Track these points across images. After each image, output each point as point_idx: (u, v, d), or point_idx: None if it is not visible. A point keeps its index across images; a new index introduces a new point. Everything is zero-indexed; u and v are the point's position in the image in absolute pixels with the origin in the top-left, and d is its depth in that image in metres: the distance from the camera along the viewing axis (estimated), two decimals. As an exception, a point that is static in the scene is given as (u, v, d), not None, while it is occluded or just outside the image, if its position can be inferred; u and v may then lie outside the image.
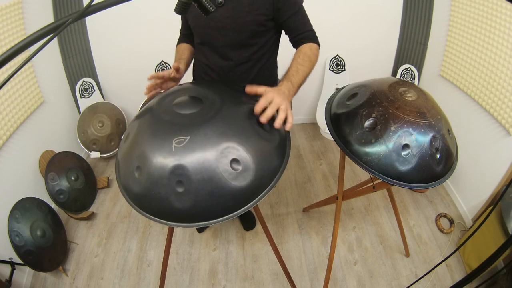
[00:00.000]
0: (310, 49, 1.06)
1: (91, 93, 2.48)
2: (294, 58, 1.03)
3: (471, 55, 1.85)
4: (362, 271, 1.73)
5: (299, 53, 1.04)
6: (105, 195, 2.26)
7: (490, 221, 1.53)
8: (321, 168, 2.43)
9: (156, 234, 1.97)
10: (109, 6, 0.47)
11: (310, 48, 1.06)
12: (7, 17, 1.74)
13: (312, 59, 1.03)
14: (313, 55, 1.05)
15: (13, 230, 1.55)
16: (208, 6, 0.71)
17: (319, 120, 2.63)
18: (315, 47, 1.08)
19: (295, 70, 0.96)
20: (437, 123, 0.92)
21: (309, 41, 1.09)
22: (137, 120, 0.84)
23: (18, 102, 1.85)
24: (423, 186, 0.92)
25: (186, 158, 0.66)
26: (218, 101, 0.78)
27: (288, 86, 0.90)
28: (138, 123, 0.81)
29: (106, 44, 2.36)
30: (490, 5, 1.68)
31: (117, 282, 1.73)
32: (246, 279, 1.72)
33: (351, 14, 2.33)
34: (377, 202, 2.12)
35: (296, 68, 0.97)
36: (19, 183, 1.82)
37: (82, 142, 2.42)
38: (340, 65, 2.54)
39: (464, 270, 1.70)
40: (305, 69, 0.98)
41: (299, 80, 0.95)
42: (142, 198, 0.72)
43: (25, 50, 0.39)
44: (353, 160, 0.95)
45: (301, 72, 0.97)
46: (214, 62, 1.18)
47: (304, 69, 0.98)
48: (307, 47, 1.06)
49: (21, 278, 1.68)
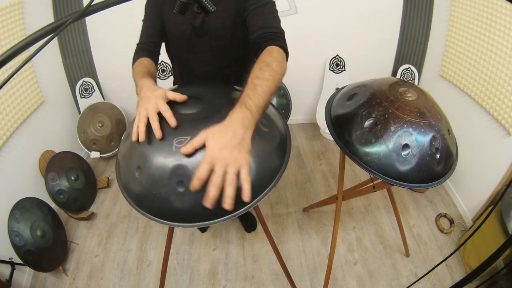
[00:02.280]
0: (270, 54, 0.80)
1: (91, 93, 2.48)
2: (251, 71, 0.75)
3: (471, 55, 1.85)
4: (362, 271, 1.73)
5: (257, 63, 0.77)
6: (105, 195, 2.26)
7: (490, 221, 1.53)
8: (321, 168, 2.43)
9: (156, 234, 1.97)
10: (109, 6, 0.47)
11: (269, 53, 0.80)
12: (7, 17, 1.74)
13: (273, 67, 0.74)
14: (274, 61, 0.76)
15: (13, 230, 1.55)
16: (208, 6, 0.72)
17: (319, 120, 2.63)
18: (276, 50, 0.82)
19: (251, 88, 0.68)
20: (437, 123, 0.92)
21: (270, 43, 0.86)
22: (137, 120, 0.83)
23: (18, 102, 1.84)
24: (423, 186, 0.92)
25: (186, 158, 0.66)
26: (219, 101, 0.78)
27: (243, 116, 0.62)
28: (138, 123, 0.80)
29: (106, 44, 2.36)
30: (490, 5, 1.68)
31: (117, 282, 1.73)
32: (246, 279, 1.72)
33: (351, 14, 2.33)
34: (377, 202, 2.12)
35: (252, 85, 0.69)
36: (19, 183, 1.82)
37: (82, 142, 2.41)
38: (340, 65, 2.54)
39: (464, 270, 1.70)
40: (265, 83, 0.69)
41: (259, 101, 0.66)
42: (142, 198, 0.72)
43: (25, 50, 0.39)
44: (353, 160, 0.95)
45: (260, 88, 0.68)
46: (196, 68, 1.14)
47: (263, 83, 0.69)
48: (266, 52, 0.81)
49: (21, 278, 1.68)
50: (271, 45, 0.84)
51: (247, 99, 0.66)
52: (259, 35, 0.89)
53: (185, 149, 0.61)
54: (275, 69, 0.74)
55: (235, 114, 0.63)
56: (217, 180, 0.56)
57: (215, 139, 0.59)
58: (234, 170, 0.57)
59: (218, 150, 0.58)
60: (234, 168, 0.57)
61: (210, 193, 0.57)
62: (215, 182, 0.56)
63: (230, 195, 0.56)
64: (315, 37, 2.42)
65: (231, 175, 0.57)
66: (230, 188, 0.57)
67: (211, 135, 0.60)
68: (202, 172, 0.57)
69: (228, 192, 0.56)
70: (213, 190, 0.56)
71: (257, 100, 0.66)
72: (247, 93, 0.68)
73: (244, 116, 0.63)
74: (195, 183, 0.58)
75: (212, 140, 0.59)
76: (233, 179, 0.57)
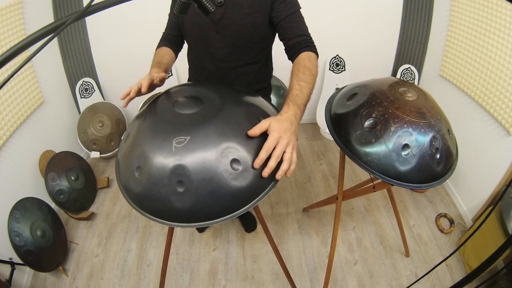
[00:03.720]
0: (309, 60, 0.93)
1: (91, 93, 2.48)
2: (294, 72, 0.90)
3: (471, 55, 1.85)
4: (362, 271, 1.73)
5: (299, 66, 0.91)
6: (105, 195, 2.26)
7: (490, 221, 1.53)
8: (321, 168, 2.43)
9: (156, 234, 1.97)
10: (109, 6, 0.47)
11: (309, 59, 0.93)
12: (7, 17, 1.74)
13: (313, 71, 0.90)
14: (313, 66, 0.92)
15: (13, 230, 1.55)
16: (208, 6, 0.72)
17: (319, 120, 2.63)
18: (313, 57, 0.96)
19: (299, 90, 0.83)
20: (437, 123, 0.92)
21: (306, 49, 0.98)
22: (137, 120, 0.84)
23: (18, 102, 1.84)
24: (423, 186, 0.92)
25: (186, 158, 0.66)
26: (219, 101, 0.78)
27: (295, 112, 0.77)
28: (138, 123, 0.81)
29: (106, 44, 2.36)
30: (490, 5, 1.68)
31: (117, 282, 1.73)
32: (246, 279, 1.72)
33: (351, 14, 2.33)
34: (377, 202, 2.12)
35: (299, 86, 0.84)
36: (19, 183, 1.82)
37: (82, 142, 2.42)
38: (340, 65, 2.54)
39: (464, 270, 1.70)
40: (308, 85, 0.85)
41: (304, 101, 0.82)
42: (142, 198, 0.72)
43: (25, 50, 0.39)
44: (353, 160, 0.95)
45: (305, 90, 0.83)
46: (210, 64, 1.14)
47: (307, 86, 0.85)
48: (305, 57, 0.94)
49: (21, 278, 1.68)
50: (307, 51, 0.97)
51: (297, 99, 0.80)
52: (296, 42, 1.00)
53: (253, 132, 0.70)
54: (314, 73, 0.90)
55: (291, 110, 0.77)
56: (279, 154, 0.68)
57: (279, 124, 0.71)
58: (291, 150, 0.69)
59: (283, 132, 0.70)
60: (291, 148, 0.70)
61: (270, 163, 0.67)
62: (277, 155, 0.67)
63: (285, 168, 0.68)
64: (315, 37, 2.38)
65: (289, 153, 0.69)
66: (286, 163, 0.68)
67: (274, 121, 0.71)
68: (270, 145, 0.68)
69: (284, 166, 0.68)
70: (273, 161, 0.67)
71: (304, 99, 0.82)
72: (296, 93, 0.82)
73: (296, 112, 0.77)
74: (263, 154, 0.67)
75: (277, 124, 0.71)
76: (290, 156, 0.69)
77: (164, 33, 1.19)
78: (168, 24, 1.19)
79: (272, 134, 0.69)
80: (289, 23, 1.01)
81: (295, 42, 1.00)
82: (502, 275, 1.41)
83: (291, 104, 0.78)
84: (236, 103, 0.82)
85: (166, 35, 1.18)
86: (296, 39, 1.00)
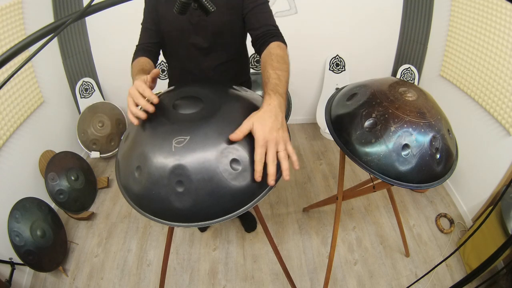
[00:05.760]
0: (281, 49, 0.90)
1: (91, 93, 2.48)
2: (268, 62, 0.85)
3: (471, 55, 1.85)
4: (362, 271, 1.73)
5: (271, 56, 0.87)
6: (105, 195, 2.26)
7: (490, 221, 1.53)
8: (321, 168, 2.43)
9: (156, 234, 1.97)
10: (109, 6, 0.47)
11: (280, 48, 0.90)
12: (7, 17, 1.74)
13: (286, 60, 0.87)
14: (286, 56, 0.89)
15: (13, 230, 1.55)
16: (208, 6, 0.72)
17: (319, 120, 2.63)
18: (284, 46, 0.94)
19: (277, 78, 0.78)
20: (437, 123, 0.92)
21: (275, 39, 0.95)
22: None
23: (18, 102, 1.85)
24: (423, 186, 0.92)
25: (186, 158, 0.66)
26: (218, 101, 0.78)
27: (279, 101, 0.71)
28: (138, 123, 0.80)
29: (106, 44, 2.36)
30: (490, 5, 1.68)
31: (117, 282, 1.73)
32: (246, 279, 1.72)
33: (351, 14, 2.33)
34: (377, 202, 2.12)
35: (276, 75, 0.79)
36: (19, 183, 1.82)
37: (82, 142, 2.42)
38: (340, 65, 2.54)
39: (464, 270, 1.70)
40: (285, 74, 0.82)
41: (285, 89, 0.78)
42: (142, 198, 0.72)
43: (25, 50, 0.39)
44: (353, 160, 0.95)
45: (283, 78, 0.80)
46: (193, 66, 1.16)
47: (284, 74, 0.81)
48: (276, 47, 0.91)
49: (21, 278, 1.68)
50: (276, 41, 0.94)
51: (277, 88, 0.76)
52: (264, 32, 0.98)
53: (235, 136, 0.66)
54: (287, 61, 0.88)
55: (273, 100, 0.71)
56: (273, 157, 0.65)
57: (261, 123, 0.66)
58: (283, 147, 0.66)
59: (268, 133, 0.65)
60: (283, 145, 0.66)
61: (270, 171, 0.64)
62: (272, 159, 0.64)
63: (286, 167, 0.65)
64: (315, 37, 2.42)
65: (282, 152, 0.66)
66: (285, 162, 0.65)
67: (256, 120, 0.66)
68: (261, 154, 0.64)
69: (284, 165, 0.65)
70: (272, 167, 0.64)
71: (284, 87, 0.78)
72: (276, 82, 0.77)
73: (280, 101, 0.72)
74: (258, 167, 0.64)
75: (259, 125, 0.66)
76: (285, 154, 0.66)
77: (138, 45, 1.12)
78: (142, 34, 1.14)
79: (257, 142, 0.64)
80: (256, 14, 1.01)
81: (262, 32, 0.99)
82: (502, 275, 1.41)
83: (272, 94, 0.73)
84: (236, 102, 0.82)
85: (142, 46, 1.11)
86: (263, 29, 0.99)
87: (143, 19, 1.13)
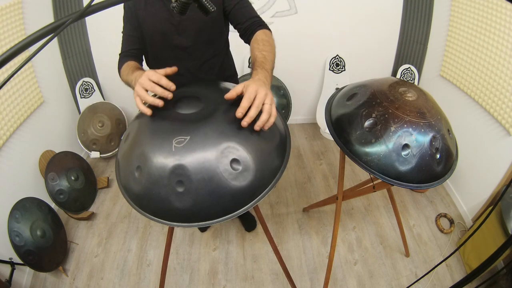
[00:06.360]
0: (265, 34, 1.00)
1: (91, 93, 2.48)
2: (254, 47, 0.94)
3: (471, 55, 1.85)
4: (362, 271, 1.73)
5: (257, 41, 0.96)
6: (105, 195, 2.26)
7: (490, 221, 1.53)
8: (321, 168, 2.43)
9: (156, 234, 1.97)
10: (109, 6, 0.47)
11: (265, 34, 1.00)
12: (7, 17, 1.74)
13: (271, 43, 0.96)
14: (270, 39, 0.98)
15: (13, 230, 1.55)
16: (208, 6, 0.72)
17: (319, 120, 2.63)
18: (268, 32, 1.02)
19: (263, 57, 0.87)
20: (437, 123, 0.92)
21: (260, 28, 1.04)
22: (137, 120, 0.84)
23: (18, 102, 1.85)
24: (423, 186, 0.92)
25: (186, 158, 0.66)
26: (218, 100, 0.78)
27: (265, 74, 0.80)
28: (138, 123, 0.80)
29: (106, 44, 2.36)
30: (490, 5, 1.68)
31: (117, 282, 1.73)
32: (246, 279, 1.72)
33: (351, 14, 2.33)
34: (377, 202, 2.12)
35: (262, 55, 0.88)
36: (19, 183, 1.82)
37: (82, 142, 2.42)
38: (340, 65, 2.54)
39: (464, 270, 1.70)
40: (270, 54, 0.90)
41: (271, 66, 0.86)
42: (142, 198, 0.72)
43: (25, 50, 0.39)
44: (353, 160, 0.95)
45: (268, 57, 0.88)
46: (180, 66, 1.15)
47: (269, 54, 0.90)
48: (261, 33, 1.00)
49: (21, 278, 1.68)
50: (262, 29, 1.03)
51: (263, 64, 0.84)
52: (249, 24, 1.06)
53: (230, 95, 0.72)
54: (272, 44, 0.97)
55: (260, 73, 0.80)
56: (259, 103, 0.69)
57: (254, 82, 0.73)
58: (270, 102, 0.71)
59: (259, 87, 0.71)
60: (270, 100, 0.71)
61: (251, 113, 0.67)
62: (257, 104, 0.68)
63: (264, 119, 0.69)
64: (315, 37, 2.42)
65: (268, 105, 0.70)
66: (266, 114, 0.69)
67: (248, 82, 0.74)
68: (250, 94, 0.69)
69: (263, 117, 0.69)
70: (254, 110, 0.68)
71: (269, 65, 0.86)
72: (262, 60, 0.86)
73: (266, 75, 0.81)
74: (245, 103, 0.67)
75: (251, 82, 0.73)
76: (270, 108, 0.70)
77: (121, 53, 1.15)
78: (124, 41, 1.16)
79: (249, 88, 0.70)
80: (240, 9, 1.08)
81: (248, 25, 1.07)
82: (502, 275, 1.41)
83: (259, 69, 0.82)
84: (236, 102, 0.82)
85: (126, 52, 1.14)
86: (248, 21, 1.07)
87: (123, 27, 1.16)
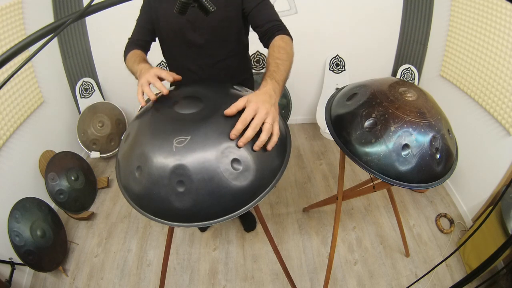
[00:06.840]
0: (283, 41, 0.95)
1: (91, 93, 2.48)
2: (270, 54, 0.91)
3: (471, 55, 1.85)
4: (362, 271, 1.73)
5: (273, 47, 0.93)
6: (105, 195, 2.26)
7: (490, 221, 1.53)
8: (321, 168, 2.43)
9: (156, 234, 1.97)
10: (109, 6, 0.47)
11: (283, 40, 0.95)
12: (7, 17, 1.74)
13: (288, 50, 0.92)
14: (288, 46, 0.94)
15: (13, 230, 1.55)
16: (208, 6, 0.72)
17: (319, 120, 2.63)
18: (287, 38, 0.98)
19: (275, 66, 0.84)
20: (437, 123, 0.92)
21: (279, 33, 1.00)
22: (137, 120, 0.84)
23: (18, 102, 1.85)
24: (423, 186, 0.92)
25: (186, 158, 0.66)
26: (218, 101, 0.78)
27: (274, 85, 0.76)
28: (139, 123, 0.80)
29: (106, 44, 2.36)
30: (490, 5, 1.68)
31: (117, 282, 1.73)
32: (246, 279, 1.72)
33: (351, 14, 2.33)
34: (377, 202, 2.12)
35: (275, 63, 0.85)
36: (19, 183, 1.82)
37: (82, 142, 2.42)
38: (340, 65, 2.54)
39: (464, 270, 1.70)
40: (285, 62, 0.86)
41: (282, 77, 0.82)
42: (142, 198, 0.72)
43: (25, 50, 0.39)
44: (353, 160, 0.95)
45: (282, 66, 0.84)
46: (192, 63, 1.17)
47: (284, 63, 0.86)
48: (279, 39, 0.96)
49: (21, 278, 1.68)
50: (281, 34, 0.99)
51: (274, 74, 0.81)
52: (269, 27, 1.02)
53: (230, 111, 0.69)
54: (289, 52, 0.92)
55: (269, 84, 0.76)
56: (258, 124, 0.65)
57: (256, 97, 0.69)
58: (271, 121, 0.67)
59: (261, 103, 0.68)
60: (271, 119, 0.67)
61: (247, 134, 0.65)
62: (255, 125, 0.65)
63: (263, 139, 0.66)
64: (315, 37, 2.42)
65: (268, 124, 0.67)
66: (265, 134, 0.66)
67: (251, 96, 0.70)
68: (247, 115, 0.66)
69: (262, 137, 0.66)
70: (251, 132, 0.65)
71: (281, 75, 0.82)
72: (274, 69, 0.82)
73: (275, 86, 0.77)
74: (239, 125, 0.65)
75: (254, 97, 0.69)
76: (270, 127, 0.67)
77: (130, 39, 1.17)
78: (136, 30, 1.17)
79: (249, 106, 0.67)
80: (260, 11, 1.04)
81: (267, 28, 1.02)
82: (502, 275, 1.41)
83: (268, 80, 0.78)
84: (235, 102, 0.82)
85: (134, 41, 1.16)
86: (268, 25, 1.03)
87: (139, 16, 1.17)
